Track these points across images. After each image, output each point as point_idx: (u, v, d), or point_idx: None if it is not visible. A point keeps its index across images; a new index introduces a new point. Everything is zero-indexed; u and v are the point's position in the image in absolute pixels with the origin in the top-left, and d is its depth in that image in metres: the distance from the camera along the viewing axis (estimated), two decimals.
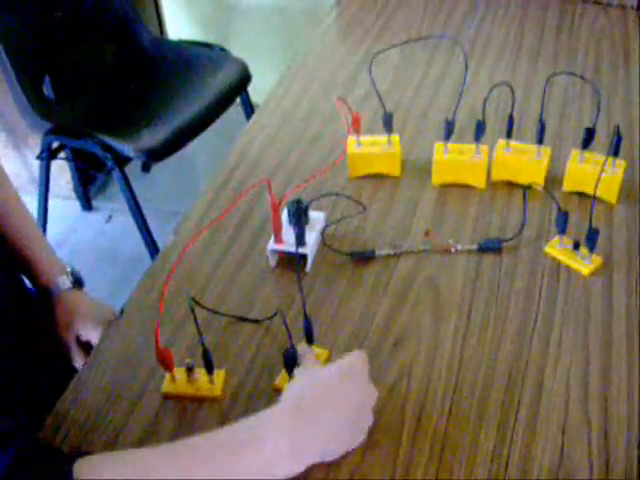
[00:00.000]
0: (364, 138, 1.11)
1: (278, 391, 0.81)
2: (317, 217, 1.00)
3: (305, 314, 0.82)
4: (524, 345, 0.87)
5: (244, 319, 0.91)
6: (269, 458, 0.67)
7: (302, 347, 0.81)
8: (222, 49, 2.19)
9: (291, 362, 0.80)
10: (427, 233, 1.01)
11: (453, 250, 0.99)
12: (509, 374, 0.83)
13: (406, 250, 0.99)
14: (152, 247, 1.99)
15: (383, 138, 1.11)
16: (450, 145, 1.08)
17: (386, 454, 0.76)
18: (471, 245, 0.99)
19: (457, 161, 1.07)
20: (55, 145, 2.10)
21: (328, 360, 0.85)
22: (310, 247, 0.96)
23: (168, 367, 0.82)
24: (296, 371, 0.78)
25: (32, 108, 1.90)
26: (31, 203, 2.17)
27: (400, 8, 1.64)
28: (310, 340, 0.85)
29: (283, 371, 0.83)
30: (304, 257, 0.96)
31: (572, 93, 1.30)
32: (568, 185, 1.07)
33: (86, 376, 0.86)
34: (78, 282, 1.05)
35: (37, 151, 2.08)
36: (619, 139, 1.00)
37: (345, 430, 0.73)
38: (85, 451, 0.77)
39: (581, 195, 1.06)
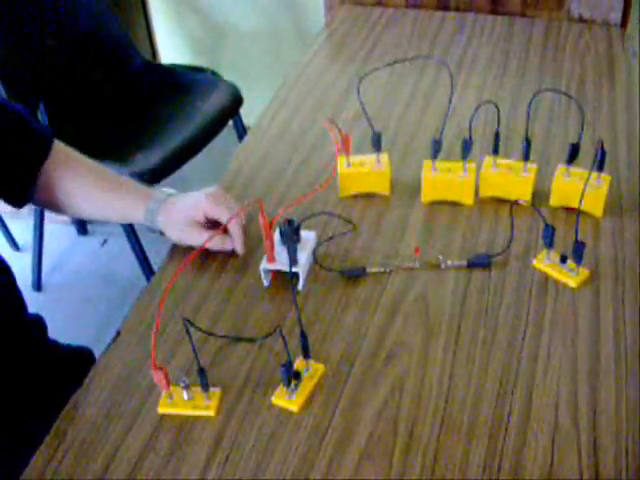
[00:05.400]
0: (354, 158, 1.13)
1: (276, 407, 0.83)
2: (308, 236, 1.02)
3: (301, 328, 0.84)
4: (513, 358, 0.88)
5: (238, 339, 0.92)
6: None
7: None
8: (214, 73, 2.22)
9: (289, 376, 0.82)
10: (417, 250, 1.02)
11: (442, 266, 1.00)
12: (499, 386, 0.85)
13: (396, 267, 1.01)
14: (148, 270, 2.00)
15: (373, 157, 1.13)
16: (438, 163, 1.10)
17: (379, 467, 0.77)
18: (460, 261, 1.01)
19: (445, 179, 1.09)
20: None
21: (323, 376, 0.87)
22: (302, 266, 0.97)
23: (164, 385, 0.83)
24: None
25: None
26: (27, 228, 2.20)
27: (388, 30, 1.67)
28: (307, 354, 0.86)
29: (280, 386, 0.85)
30: (296, 276, 0.97)
31: (557, 110, 1.33)
32: (555, 200, 1.09)
33: (84, 395, 0.87)
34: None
35: None
36: (603, 154, 1.02)
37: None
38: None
39: (568, 210, 1.08)
